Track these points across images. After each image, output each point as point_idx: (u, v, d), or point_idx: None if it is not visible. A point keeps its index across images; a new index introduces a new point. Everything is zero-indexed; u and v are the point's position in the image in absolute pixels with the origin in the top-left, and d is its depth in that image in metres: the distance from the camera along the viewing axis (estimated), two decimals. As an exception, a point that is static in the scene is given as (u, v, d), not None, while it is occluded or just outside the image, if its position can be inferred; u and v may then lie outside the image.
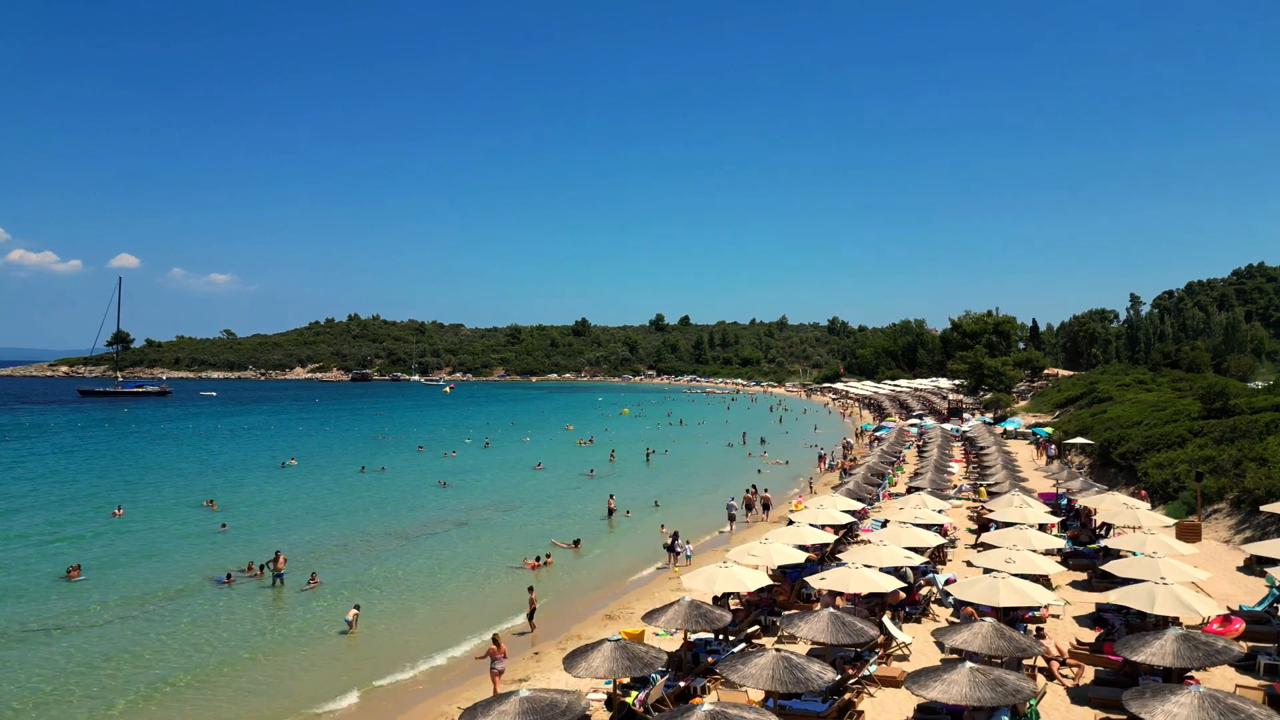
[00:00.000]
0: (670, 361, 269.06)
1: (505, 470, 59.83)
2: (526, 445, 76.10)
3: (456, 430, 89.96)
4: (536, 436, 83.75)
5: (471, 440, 79.81)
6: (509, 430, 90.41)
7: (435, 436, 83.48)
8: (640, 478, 57.07)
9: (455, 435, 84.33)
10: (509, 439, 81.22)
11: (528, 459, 65.26)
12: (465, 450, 71.64)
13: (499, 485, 53.18)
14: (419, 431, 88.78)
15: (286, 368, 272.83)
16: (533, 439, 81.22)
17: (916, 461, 54.85)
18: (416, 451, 70.93)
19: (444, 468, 60.92)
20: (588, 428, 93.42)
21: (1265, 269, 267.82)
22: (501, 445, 76.06)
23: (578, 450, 72.21)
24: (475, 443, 77.45)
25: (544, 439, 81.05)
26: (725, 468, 61.36)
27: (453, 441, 77.93)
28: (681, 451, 71.46)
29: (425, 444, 75.80)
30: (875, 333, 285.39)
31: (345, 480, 55.18)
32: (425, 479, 55.26)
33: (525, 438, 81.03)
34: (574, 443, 77.71)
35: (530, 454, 68.60)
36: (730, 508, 40.34)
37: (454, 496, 48.77)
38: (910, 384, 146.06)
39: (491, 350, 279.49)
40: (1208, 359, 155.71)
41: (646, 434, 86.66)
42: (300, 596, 28.70)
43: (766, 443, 76.79)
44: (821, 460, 61.86)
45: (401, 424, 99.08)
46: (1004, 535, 24.49)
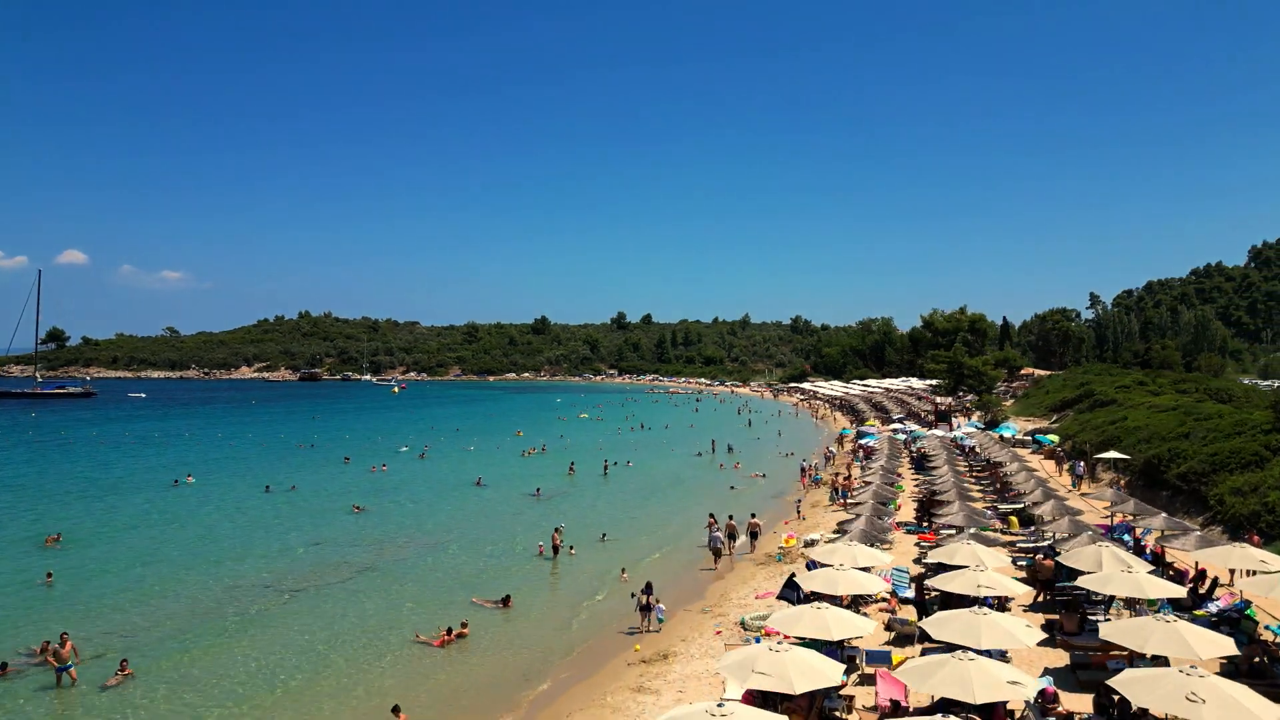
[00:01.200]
0: (632, 360, 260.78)
1: (438, 489, 50.91)
2: (469, 455, 67.14)
3: (395, 437, 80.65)
4: (483, 444, 74.78)
5: (409, 449, 70.69)
6: (453, 437, 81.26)
7: (369, 445, 74.14)
8: (596, 497, 48.55)
9: (392, 443, 75.07)
10: (450, 448, 72.18)
11: (468, 473, 56.43)
12: (398, 462, 62.52)
13: (427, 510, 44.26)
14: (352, 439, 79.28)
15: (232, 367, 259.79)
16: (478, 448, 72.26)
17: (914, 477, 47.16)
18: (342, 464, 61.64)
19: (367, 485, 51.85)
20: (541, 433, 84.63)
21: (1224, 269, 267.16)
22: (441, 455, 67.02)
23: (524, 462, 63.39)
24: (412, 452, 68.33)
25: (490, 447, 72.10)
26: (694, 483, 53.12)
27: (386, 452, 68.73)
28: (644, 462, 63.05)
29: (355, 454, 66.47)
30: (839, 331, 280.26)
31: (243, 504, 45.87)
32: (340, 501, 46.16)
33: (469, 446, 71.95)
34: (529, 452, 68.85)
35: (471, 466, 59.78)
36: (714, 540, 32.18)
37: (368, 526, 39.81)
38: (880, 384, 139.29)
39: (447, 349, 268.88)
40: (1179, 357, 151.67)
41: (606, 441, 78.17)
42: (98, 700, 19.78)
43: (737, 451, 68.76)
44: (805, 474, 53.94)
45: (335, 429, 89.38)
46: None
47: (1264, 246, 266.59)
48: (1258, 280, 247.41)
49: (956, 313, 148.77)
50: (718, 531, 32.78)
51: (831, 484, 44.57)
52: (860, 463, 56.80)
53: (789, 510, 43.01)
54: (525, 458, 65.89)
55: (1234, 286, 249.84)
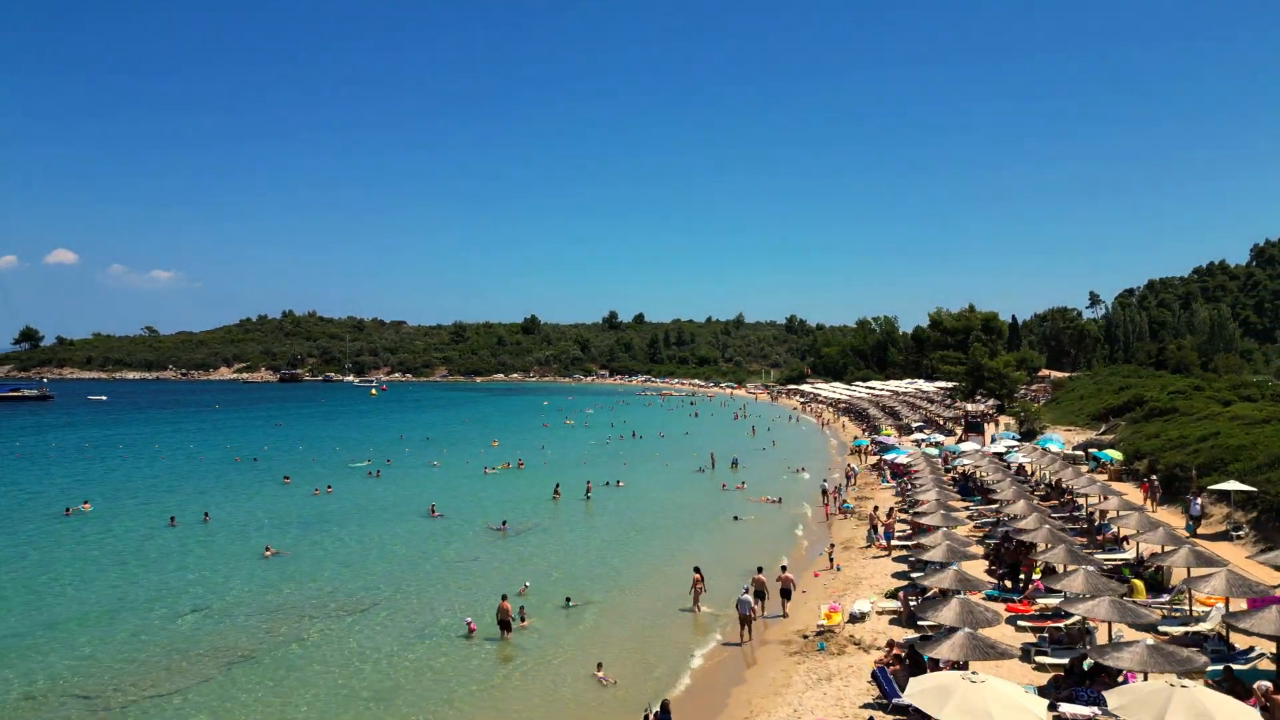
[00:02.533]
0: (624, 361, 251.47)
1: (383, 520, 41.48)
2: (432, 473, 57.65)
3: (355, 448, 71.23)
4: (452, 457, 65.37)
5: (369, 462, 61.43)
6: (420, 448, 71.81)
7: (322, 458, 64.76)
8: (574, 531, 39.21)
9: (350, 456, 65.75)
10: (414, 462, 62.74)
11: (424, 497, 47.04)
12: (347, 482, 53.08)
13: (358, 554, 34.80)
14: (305, 450, 69.85)
15: (210, 368, 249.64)
16: (446, 462, 62.82)
17: (965, 507, 38.06)
18: (280, 485, 52.21)
19: (299, 515, 42.47)
20: (520, 443, 75.24)
21: (1227, 267, 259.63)
22: (400, 473, 57.59)
23: (495, 481, 53.91)
24: (372, 466, 58.92)
25: (459, 462, 62.64)
26: (694, 510, 43.83)
27: (338, 468, 59.41)
28: (635, 481, 53.64)
29: (301, 471, 57.16)
30: (834, 330, 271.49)
31: (133, 543, 36.40)
32: (255, 540, 36.79)
33: (435, 461, 62.38)
34: (495, 469, 59.39)
35: (431, 488, 50.40)
36: (742, 605, 23.45)
37: (275, 580, 30.45)
38: (885, 386, 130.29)
39: (434, 349, 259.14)
40: (1195, 358, 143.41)
41: (592, 453, 68.93)
42: None
43: (742, 466, 59.60)
44: (827, 499, 44.92)
45: (293, 439, 79.80)
46: None
47: (1267, 244, 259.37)
48: (1263, 279, 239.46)
49: (965, 311, 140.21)
50: (746, 594, 23.99)
51: (870, 520, 35.18)
52: (892, 485, 47.65)
53: (814, 549, 33.88)
54: (497, 474, 56.55)
55: (1238, 285, 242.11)
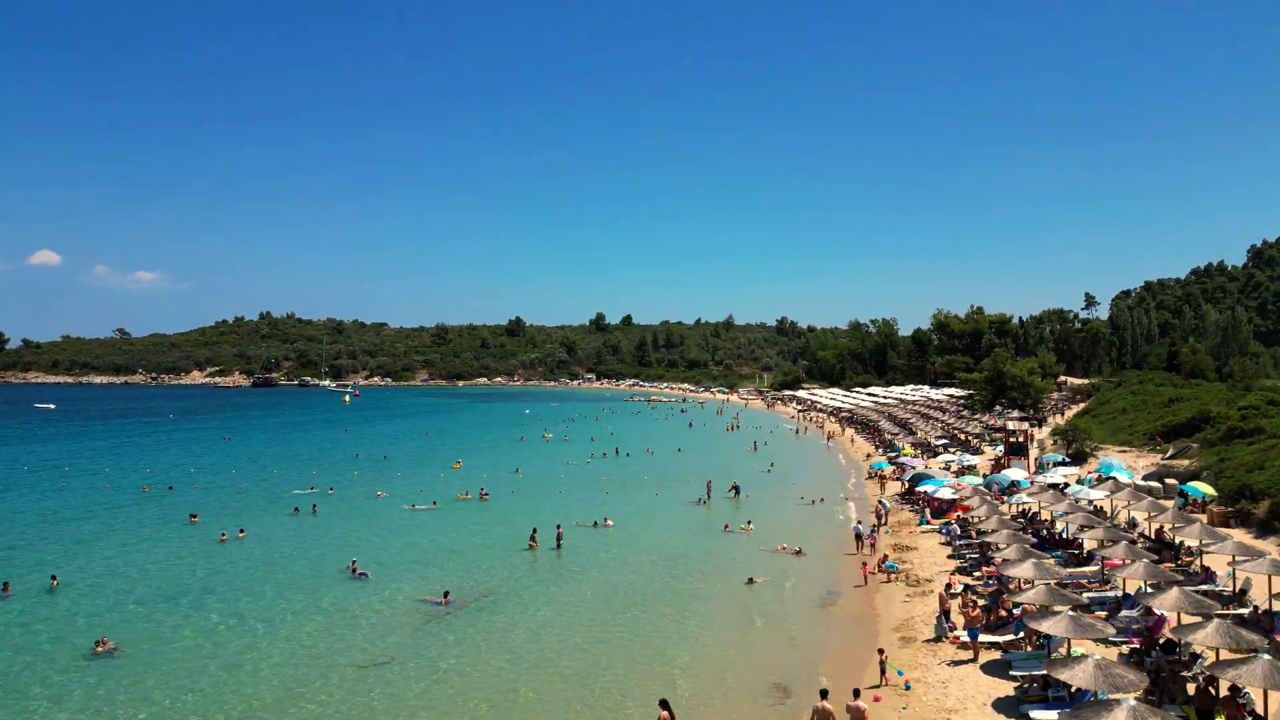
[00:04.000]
0: (611, 364, 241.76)
1: (289, 584, 31.35)
2: (377, 507, 47.28)
3: (299, 471, 61.17)
4: (407, 483, 55.25)
5: (313, 490, 51.48)
6: (374, 470, 61.78)
7: (254, 485, 54.65)
8: (537, 611, 29.11)
9: (289, 482, 55.74)
10: (360, 490, 52.56)
11: (353, 544, 37.16)
12: (268, 521, 43.00)
13: (226, 653, 24.57)
14: (240, 474, 59.70)
15: (182, 371, 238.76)
16: (398, 490, 52.58)
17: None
18: (185, 525, 42.03)
19: (186, 574, 32.41)
20: (490, 463, 65.51)
21: (1225, 268, 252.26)
22: (339, 505, 47.44)
23: (448, 521, 43.79)
24: (304, 498, 48.84)
25: (412, 489, 52.38)
26: (695, 565, 33.92)
27: (269, 498, 49.41)
28: (622, 516, 43.55)
29: (219, 505, 47.21)
30: (826, 333, 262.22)
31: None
32: (100, 619, 26.88)
33: (381, 491, 52.01)
34: (424, 507, 49.18)
35: (368, 529, 40.47)
36: None
37: (83, 698, 20.55)
38: (889, 393, 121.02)
39: (415, 351, 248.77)
40: (1210, 362, 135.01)
41: (571, 476, 59.09)
42: None
43: (744, 495, 49.96)
44: (861, 545, 35.51)
45: (231, 459, 69.51)
46: None
47: (1265, 245, 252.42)
48: (1264, 280, 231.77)
49: (973, 313, 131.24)
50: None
51: (940, 606, 25.14)
52: (935, 528, 38.01)
53: (860, 637, 24.25)
54: (453, 508, 46.58)
55: (1238, 287, 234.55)
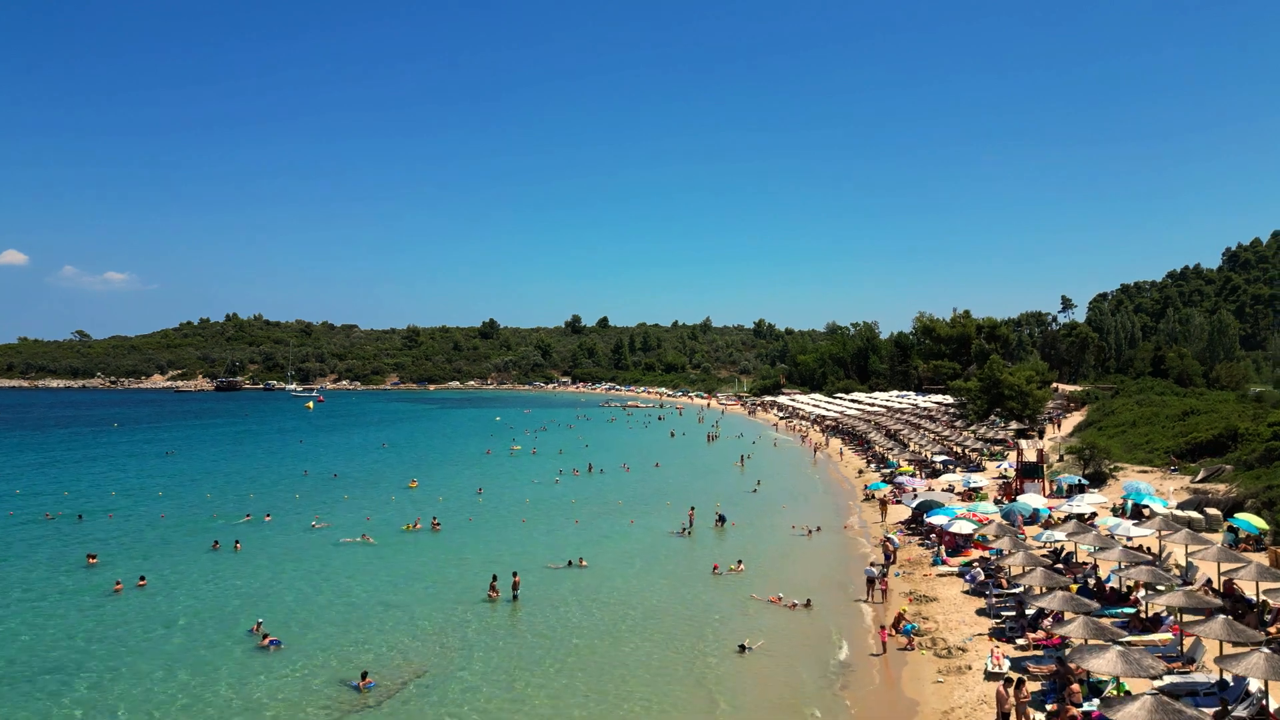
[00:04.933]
0: (587, 367, 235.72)
1: (179, 660, 24.81)
2: (311, 540, 41.01)
3: (237, 493, 54.79)
4: (354, 507, 48.99)
5: (248, 518, 45.19)
6: (320, 491, 55.41)
7: (183, 511, 48.04)
8: (476, 692, 23.33)
9: (218, 507, 49.40)
10: (300, 516, 46.13)
11: (272, 592, 31.15)
12: (180, 564, 36.56)
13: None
14: (169, 496, 53.02)
15: (143, 375, 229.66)
16: (344, 515, 46.35)
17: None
18: (81, 567, 35.65)
19: (49, 643, 26.13)
20: (448, 481, 59.53)
21: (1202, 271, 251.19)
22: (271, 536, 41.06)
23: (389, 559, 37.76)
24: (229, 529, 42.52)
25: (356, 516, 46.22)
26: (676, 623, 28.11)
27: (185, 532, 42.98)
28: (595, 556, 37.64)
29: (132, 539, 40.92)
30: (804, 335, 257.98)
31: None
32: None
33: (320, 520, 45.42)
34: (399, 531, 43.35)
35: (295, 572, 34.31)
36: None
37: None
38: (873, 399, 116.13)
39: (385, 354, 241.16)
40: (1199, 367, 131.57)
41: (538, 498, 53.06)
42: None
43: (730, 523, 44.33)
44: (871, 591, 30.17)
45: (164, 478, 62.66)
46: None
47: (1239, 248, 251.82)
48: (1240, 283, 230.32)
49: (960, 316, 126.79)
50: None
51: (998, 708, 19.31)
52: (953, 570, 32.44)
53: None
54: (400, 539, 40.56)
55: (1215, 290, 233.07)
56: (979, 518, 38.33)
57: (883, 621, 27.03)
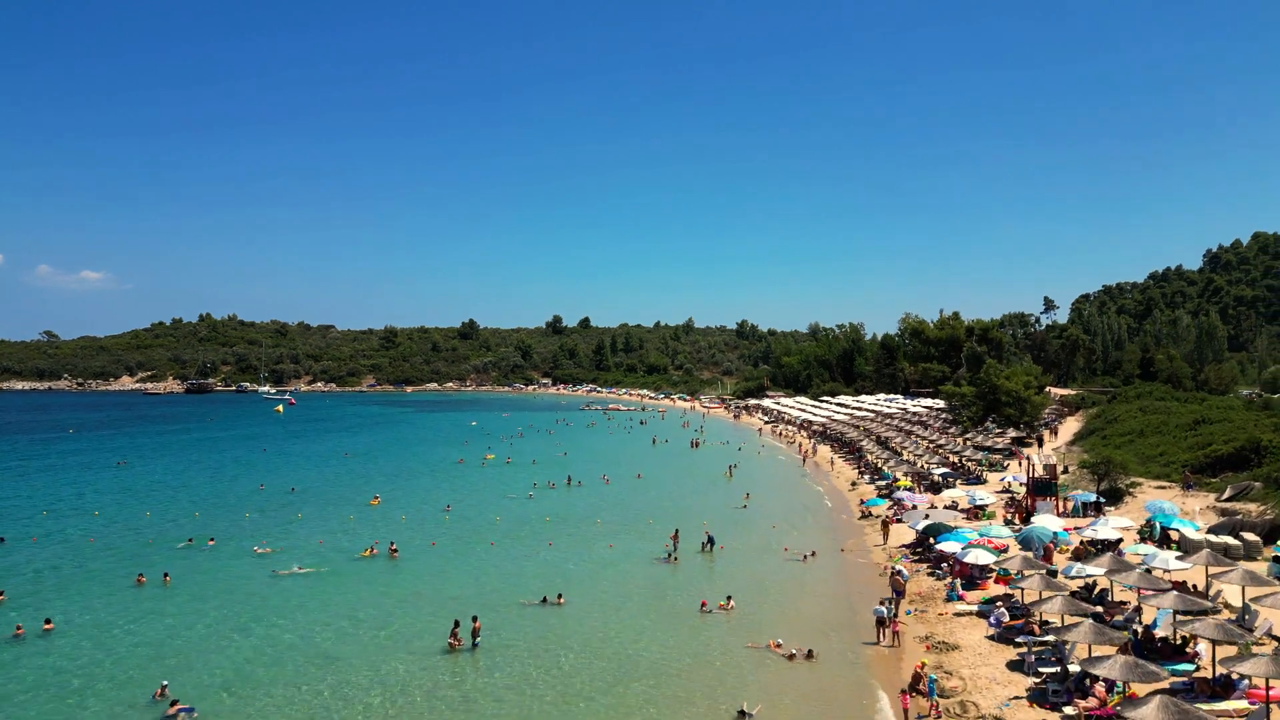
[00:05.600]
0: (568, 368, 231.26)
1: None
2: (250, 568, 36.68)
3: (183, 511, 50.17)
4: (304, 529, 44.70)
5: (189, 542, 40.68)
6: (276, 507, 50.84)
7: (112, 535, 43.39)
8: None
9: (158, 528, 44.84)
10: (240, 542, 41.46)
11: (190, 647, 26.83)
12: (96, 600, 32.09)
13: None
14: (105, 516, 48.28)
15: (111, 376, 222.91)
16: (289, 543, 41.77)
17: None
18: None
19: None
20: (415, 495, 55.23)
21: (1184, 272, 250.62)
22: (204, 569, 36.43)
23: (334, 593, 33.50)
24: (161, 558, 38.06)
25: (307, 541, 41.63)
26: (662, 684, 24.25)
27: (113, 559, 38.38)
28: (570, 587, 33.61)
29: (49, 569, 36.33)
30: (787, 336, 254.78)
31: None
32: None
33: (264, 545, 40.84)
34: (354, 558, 39.02)
35: (220, 612, 29.99)
36: None
37: None
38: (860, 403, 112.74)
39: (362, 355, 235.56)
40: (1187, 369, 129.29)
41: (510, 515, 48.83)
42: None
43: (718, 546, 40.35)
44: (883, 630, 26.43)
45: (108, 492, 57.94)
46: None
47: (1220, 250, 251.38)
48: (1223, 284, 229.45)
49: (949, 318, 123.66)
50: None
51: None
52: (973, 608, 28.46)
53: None
54: (352, 569, 36.24)
55: (1197, 291, 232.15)
56: (993, 543, 34.64)
57: (900, 681, 23.10)
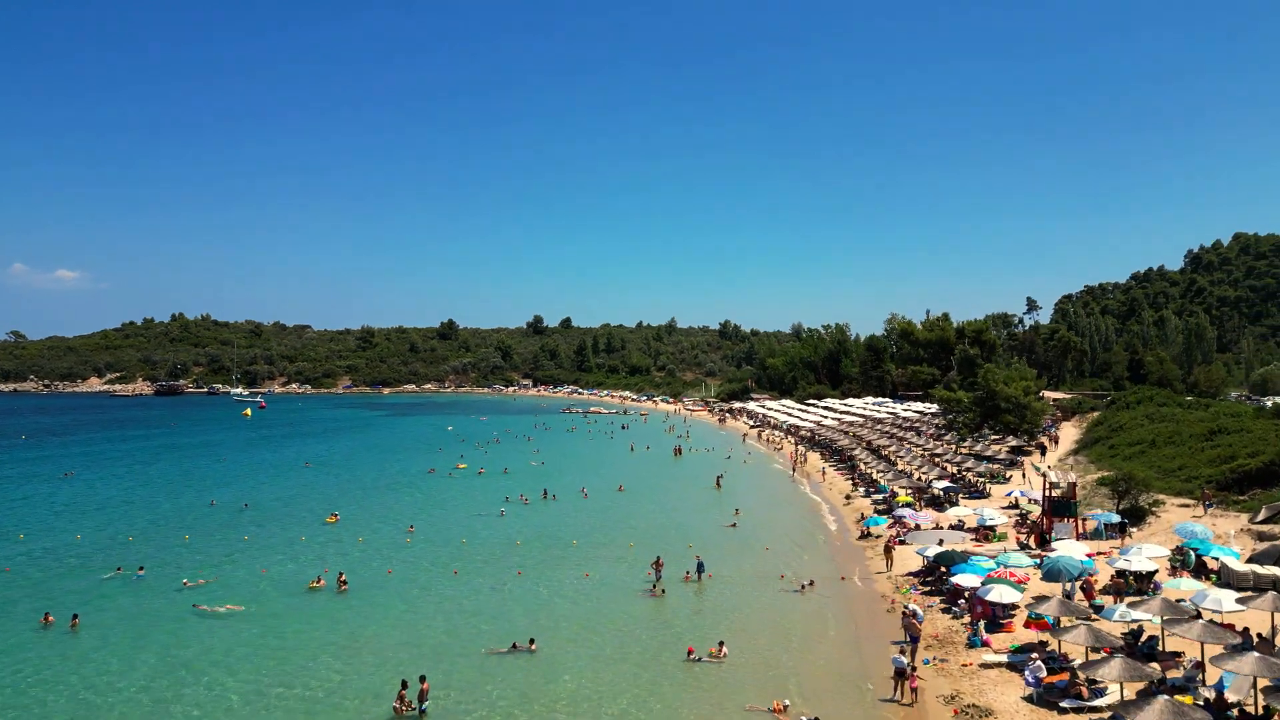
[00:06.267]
0: (549, 369, 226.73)
1: None
2: (175, 606, 32.03)
3: (120, 531, 45.51)
4: (247, 554, 40.18)
5: (118, 571, 36.10)
6: (223, 527, 46.19)
7: (29, 563, 38.54)
8: None
9: (85, 554, 40.19)
10: (172, 572, 36.85)
11: (104, 696, 22.49)
12: None
13: None
14: (31, 538, 43.38)
15: (79, 378, 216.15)
16: (227, 572, 37.54)
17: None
18: None
19: None
20: (375, 511, 50.80)
21: (1166, 273, 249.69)
22: (121, 607, 31.67)
23: (266, 637, 28.97)
24: (74, 593, 33.46)
25: (248, 569, 37.37)
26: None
27: (25, 589, 33.67)
28: (542, 632, 29.31)
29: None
30: (770, 337, 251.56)
31: None
32: None
33: (200, 577, 35.92)
34: (301, 590, 34.63)
35: (121, 666, 25.28)
36: None
37: None
38: (848, 407, 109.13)
39: (338, 356, 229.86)
40: (1177, 371, 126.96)
41: (478, 535, 44.51)
42: None
43: (707, 575, 36.28)
44: (900, 692, 22.47)
45: (43, 509, 52.84)
46: None
47: (1202, 250, 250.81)
48: (1205, 284, 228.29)
49: (939, 319, 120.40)
50: None
51: None
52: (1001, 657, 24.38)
53: None
54: (296, 603, 31.88)
55: (1180, 291, 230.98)
56: (1015, 576, 30.74)
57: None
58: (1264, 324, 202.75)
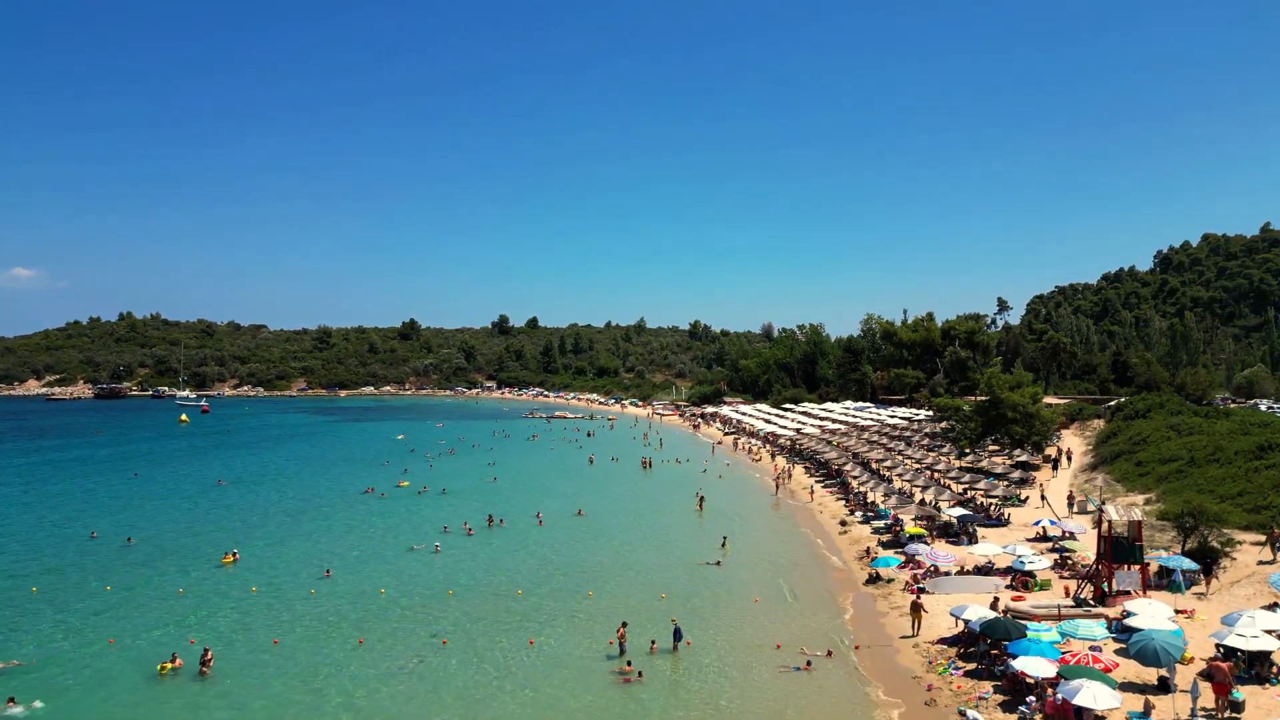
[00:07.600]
0: (514, 371, 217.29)
1: None
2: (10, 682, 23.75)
3: None
4: (100, 618, 31.47)
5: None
6: (89, 569, 36.99)
7: None
8: None
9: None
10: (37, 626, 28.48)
11: None
12: None
13: None
14: None
15: (16, 380, 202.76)
16: (59, 641, 28.84)
17: None
18: None
19: None
20: (292, 543, 42.09)
21: (1137, 273, 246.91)
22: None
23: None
24: None
25: (94, 635, 28.61)
26: None
27: None
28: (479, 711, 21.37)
29: None
30: (740, 337, 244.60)
31: None
32: None
33: (9, 660, 27.66)
34: (149, 676, 25.97)
35: None
36: None
37: None
38: (827, 411, 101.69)
39: (293, 357, 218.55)
40: (1164, 373, 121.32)
41: (402, 589, 36.01)
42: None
43: (685, 642, 28.21)
44: None
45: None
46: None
47: (1171, 251, 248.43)
48: (1177, 285, 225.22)
49: (923, 319, 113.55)
50: None
51: None
52: None
53: None
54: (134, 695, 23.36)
55: (1151, 292, 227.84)
56: (1099, 660, 22.81)
57: None
58: (1236, 324, 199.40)
